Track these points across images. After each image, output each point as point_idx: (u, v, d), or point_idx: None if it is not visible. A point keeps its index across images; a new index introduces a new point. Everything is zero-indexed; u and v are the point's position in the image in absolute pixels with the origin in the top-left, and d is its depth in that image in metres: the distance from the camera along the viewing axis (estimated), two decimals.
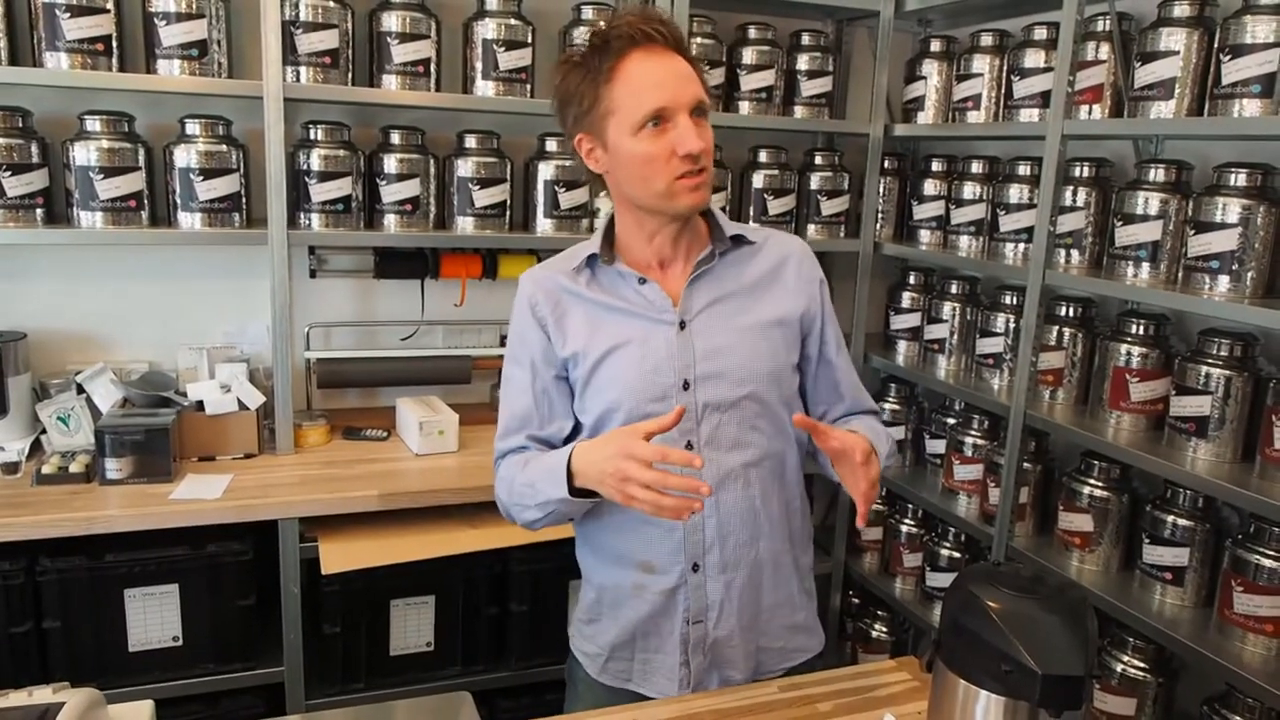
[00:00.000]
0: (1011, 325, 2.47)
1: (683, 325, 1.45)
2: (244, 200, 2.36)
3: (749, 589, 1.50)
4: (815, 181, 2.85)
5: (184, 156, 2.27)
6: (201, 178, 2.28)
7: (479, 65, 2.45)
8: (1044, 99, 2.35)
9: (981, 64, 2.58)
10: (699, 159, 1.36)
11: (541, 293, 1.50)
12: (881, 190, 2.91)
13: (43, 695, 1.05)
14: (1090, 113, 2.21)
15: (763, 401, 1.46)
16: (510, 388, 1.54)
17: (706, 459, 1.44)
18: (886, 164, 2.91)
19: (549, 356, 1.49)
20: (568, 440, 1.52)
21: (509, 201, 2.57)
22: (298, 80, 2.30)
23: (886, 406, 2.93)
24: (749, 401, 1.45)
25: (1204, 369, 1.97)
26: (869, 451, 1.33)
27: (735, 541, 1.47)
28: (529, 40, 2.48)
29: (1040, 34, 2.41)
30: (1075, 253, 2.28)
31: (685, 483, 1.22)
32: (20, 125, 2.22)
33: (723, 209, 2.76)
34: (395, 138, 2.49)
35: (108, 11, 2.15)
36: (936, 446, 2.81)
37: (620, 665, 1.54)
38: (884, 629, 2.96)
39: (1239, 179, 1.92)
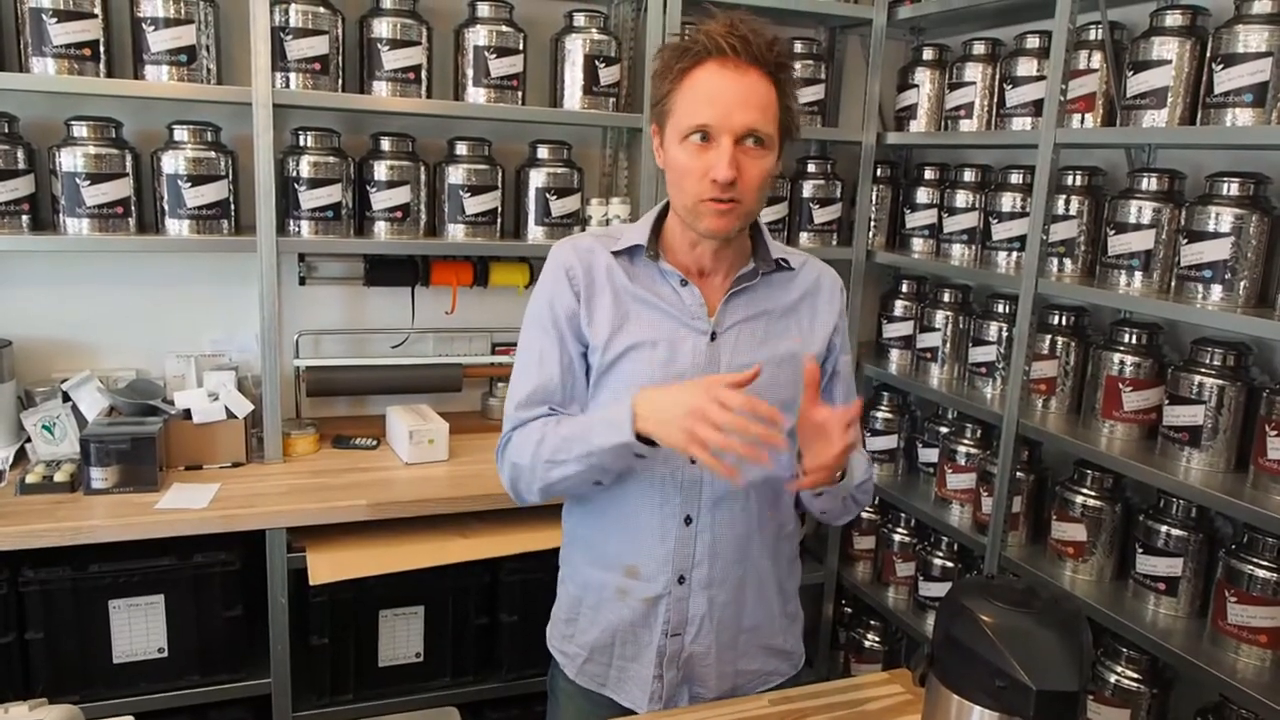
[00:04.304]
0: (1004, 334, 2.47)
1: (714, 337, 1.43)
2: (233, 207, 2.34)
3: (731, 607, 1.48)
4: (808, 189, 2.85)
5: (172, 163, 2.25)
6: (190, 184, 2.26)
7: (470, 72, 2.44)
8: (1036, 107, 2.35)
9: (974, 72, 2.58)
10: (729, 189, 1.31)
11: (580, 265, 1.45)
12: (874, 198, 2.91)
13: (19, 713, 1.03)
14: (1083, 121, 2.21)
15: (776, 427, 1.44)
16: (533, 357, 1.46)
17: (710, 474, 1.41)
18: (879, 172, 2.90)
19: (577, 331, 1.45)
20: None
21: (500, 209, 2.56)
22: (287, 86, 2.28)
23: (879, 415, 2.92)
24: (761, 424, 1.43)
25: (1197, 378, 1.96)
26: (849, 424, 1.29)
27: (725, 559, 1.46)
28: (520, 47, 2.47)
29: (1033, 43, 2.41)
30: (1068, 261, 2.27)
31: (767, 434, 1.19)
32: (6, 131, 2.21)
33: None
34: (385, 144, 2.48)
35: (95, 17, 2.14)
36: (929, 455, 2.80)
37: (597, 669, 1.53)
38: (876, 639, 2.94)
39: (1231, 188, 1.91)
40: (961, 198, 2.64)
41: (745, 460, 1.20)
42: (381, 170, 2.43)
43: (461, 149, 2.52)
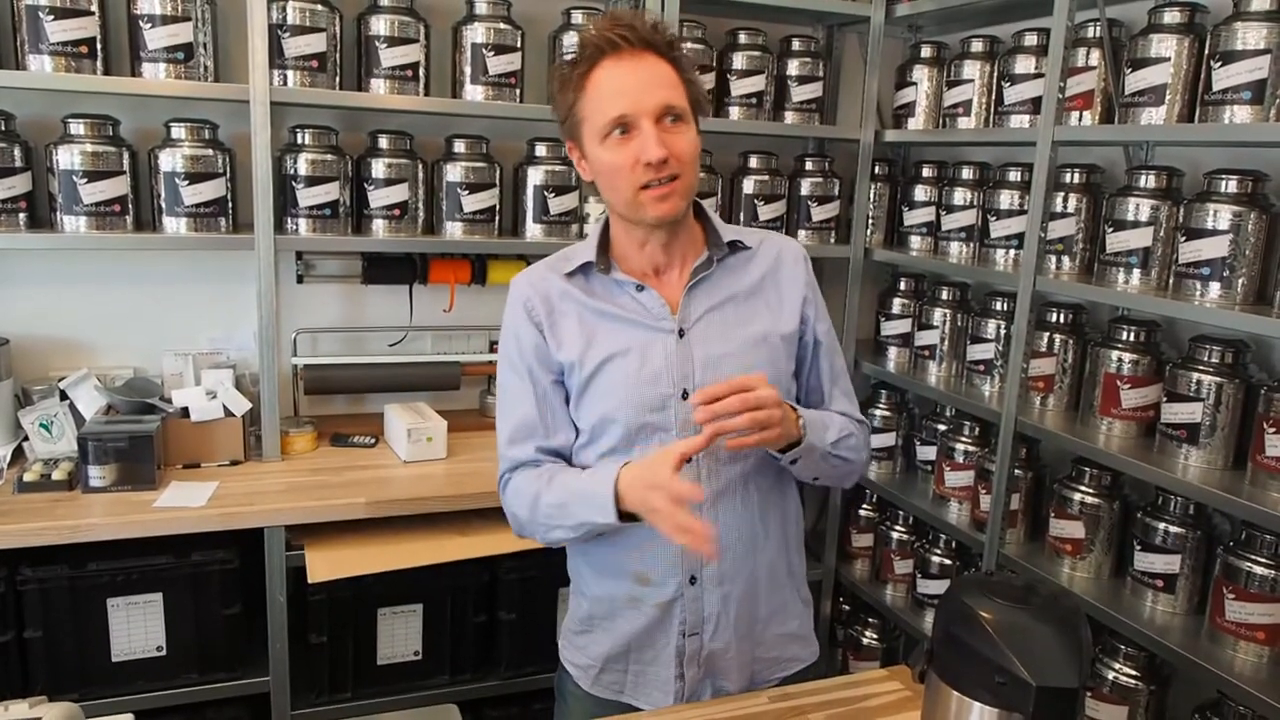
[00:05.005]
0: (1002, 331, 2.47)
1: (681, 334, 1.43)
2: (230, 205, 2.34)
3: (746, 600, 1.48)
4: (806, 187, 2.85)
5: (169, 160, 2.25)
6: (187, 182, 2.25)
7: (468, 69, 2.44)
8: (1034, 105, 2.35)
9: (972, 70, 2.58)
10: (664, 166, 1.33)
11: (537, 295, 1.47)
12: (872, 196, 2.91)
13: (19, 710, 1.03)
14: (1081, 119, 2.21)
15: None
16: (509, 397, 1.50)
17: (706, 470, 1.43)
18: (877, 170, 2.90)
19: (546, 361, 1.46)
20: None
21: (498, 206, 2.55)
22: (285, 84, 2.28)
23: (877, 413, 2.92)
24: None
25: (1195, 376, 1.96)
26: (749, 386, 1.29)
27: (734, 554, 1.46)
28: (518, 45, 2.46)
29: (1031, 40, 2.41)
30: (1066, 259, 2.27)
31: (702, 537, 1.23)
32: (3, 128, 2.20)
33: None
34: (383, 142, 2.47)
35: (92, 14, 2.13)
36: (927, 453, 2.80)
37: (613, 677, 1.52)
38: (875, 636, 2.94)
39: (1229, 185, 1.91)
40: (960, 195, 2.64)
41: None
42: (379, 168, 2.43)
43: (459, 147, 2.52)
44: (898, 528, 2.84)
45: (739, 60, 2.71)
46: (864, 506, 2.98)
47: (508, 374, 1.50)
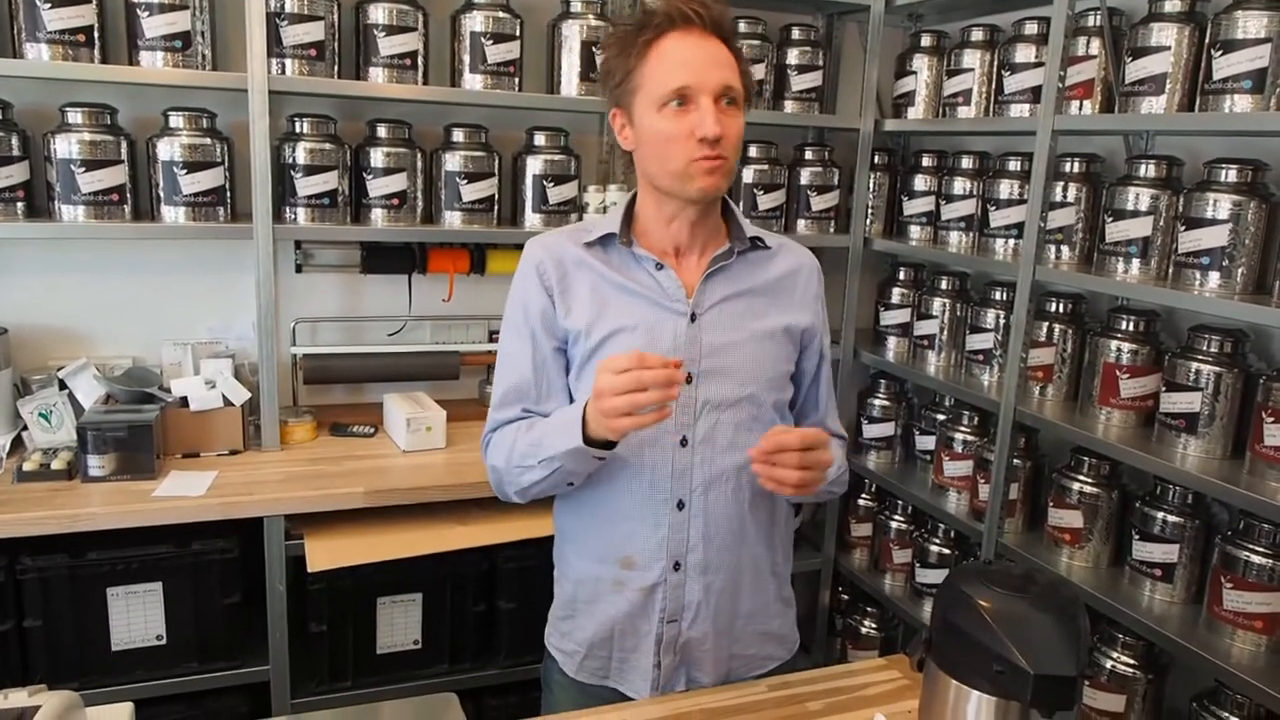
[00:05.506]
0: (1001, 321, 2.47)
1: (693, 318, 1.44)
2: (229, 194, 2.33)
3: (728, 593, 1.49)
4: (805, 177, 2.84)
5: (167, 149, 2.24)
6: (185, 171, 2.25)
7: (467, 58, 2.43)
8: (1034, 94, 2.34)
9: (972, 59, 2.57)
10: (717, 145, 1.34)
11: (550, 260, 1.47)
12: (871, 185, 2.90)
13: (18, 698, 1.03)
14: (1081, 108, 2.20)
15: (760, 405, 1.46)
16: (506, 361, 1.50)
17: (701, 458, 1.43)
18: (877, 159, 2.90)
19: (551, 327, 1.47)
20: None
21: (497, 196, 2.55)
22: (283, 73, 2.27)
23: (876, 403, 2.92)
24: (748, 403, 1.44)
25: (1194, 365, 1.96)
26: (818, 440, 1.32)
27: (719, 544, 1.46)
28: (517, 33, 2.45)
29: (1031, 29, 2.40)
30: (1065, 248, 2.27)
31: (661, 373, 1.20)
32: (1, 117, 2.19)
33: None
34: (382, 131, 2.47)
35: (89, 2, 2.12)
36: (926, 443, 2.80)
37: (597, 663, 1.53)
38: (873, 625, 2.95)
39: (1229, 175, 1.91)
40: (959, 185, 2.63)
41: (657, 405, 1.22)
42: (378, 157, 2.42)
43: (458, 136, 2.51)
44: (896, 517, 2.85)
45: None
46: (863, 496, 2.98)
47: (509, 337, 1.50)
